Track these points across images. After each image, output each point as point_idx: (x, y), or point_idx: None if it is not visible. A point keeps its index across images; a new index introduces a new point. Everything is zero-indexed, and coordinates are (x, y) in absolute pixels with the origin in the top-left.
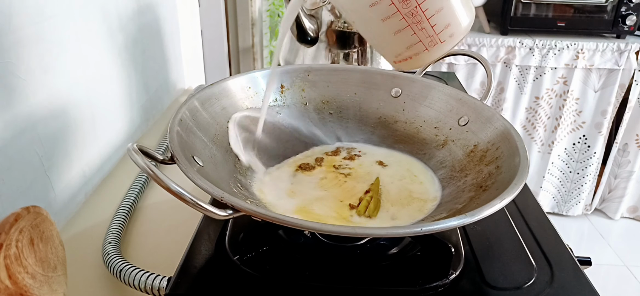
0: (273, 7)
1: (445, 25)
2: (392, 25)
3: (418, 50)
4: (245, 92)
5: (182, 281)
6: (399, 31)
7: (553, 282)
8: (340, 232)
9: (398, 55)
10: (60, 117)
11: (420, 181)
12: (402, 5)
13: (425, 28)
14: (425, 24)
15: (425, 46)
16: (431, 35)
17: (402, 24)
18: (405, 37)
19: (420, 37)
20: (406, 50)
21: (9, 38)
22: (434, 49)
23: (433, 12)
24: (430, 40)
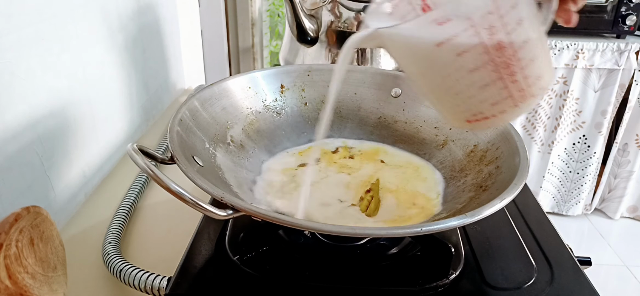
0: (273, 7)
1: (537, 76)
2: (481, 77)
3: (505, 108)
4: (245, 92)
5: (182, 281)
6: (486, 85)
7: (553, 282)
8: (340, 232)
9: (477, 114)
10: (60, 117)
11: (424, 177)
12: (497, 55)
13: (518, 80)
14: (519, 76)
15: (514, 102)
16: (523, 88)
17: (492, 77)
18: (492, 92)
19: (510, 92)
20: (491, 107)
21: (9, 38)
22: (523, 104)
23: (527, 62)
24: (521, 95)
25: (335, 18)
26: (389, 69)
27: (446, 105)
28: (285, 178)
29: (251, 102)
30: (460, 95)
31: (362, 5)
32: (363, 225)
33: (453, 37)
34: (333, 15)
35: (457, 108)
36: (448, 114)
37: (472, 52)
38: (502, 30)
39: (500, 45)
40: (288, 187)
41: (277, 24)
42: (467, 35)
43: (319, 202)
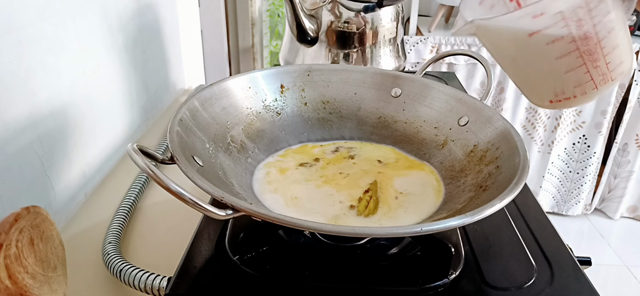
0: (273, 7)
1: (619, 62)
2: (566, 63)
3: (586, 90)
4: (245, 92)
5: (182, 281)
6: (571, 70)
7: (553, 282)
8: (340, 232)
9: (560, 94)
10: (60, 117)
11: (423, 179)
12: (582, 44)
13: (600, 66)
14: (601, 62)
15: (595, 85)
16: (604, 73)
17: (577, 62)
18: (576, 76)
19: (592, 76)
20: (573, 87)
21: (9, 38)
22: (604, 87)
23: (610, 50)
24: (603, 78)
25: (335, 18)
26: (389, 69)
27: (532, 86)
28: (284, 177)
29: (251, 102)
30: (546, 78)
31: (362, 5)
32: (363, 225)
33: (545, 28)
34: (333, 15)
35: (542, 89)
36: (532, 95)
37: (561, 41)
38: (590, 22)
39: (586, 35)
40: (287, 185)
41: (277, 24)
42: (557, 27)
43: (319, 201)
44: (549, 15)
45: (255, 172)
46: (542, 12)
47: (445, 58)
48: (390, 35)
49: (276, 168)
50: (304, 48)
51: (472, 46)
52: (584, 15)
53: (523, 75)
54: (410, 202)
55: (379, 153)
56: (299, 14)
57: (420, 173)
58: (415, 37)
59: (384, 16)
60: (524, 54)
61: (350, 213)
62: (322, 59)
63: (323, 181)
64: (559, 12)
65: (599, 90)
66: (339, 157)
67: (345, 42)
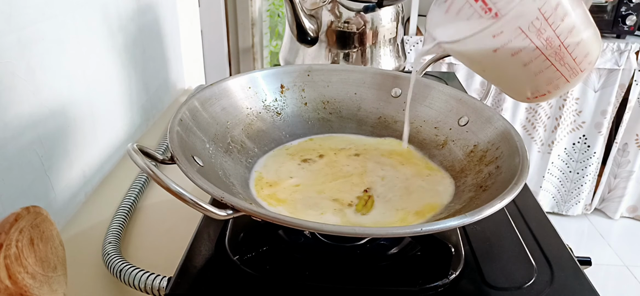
0: (273, 7)
1: (585, 54)
2: (534, 67)
3: (559, 84)
4: (245, 92)
5: (182, 281)
6: (540, 72)
7: (553, 282)
8: (340, 232)
9: (535, 92)
10: (60, 117)
11: (427, 173)
12: (546, 48)
13: (567, 62)
14: (567, 59)
15: (566, 79)
16: (573, 67)
17: (544, 65)
18: (547, 76)
19: (562, 72)
20: (546, 85)
21: (9, 38)
22: (575, 78)
23: (574, 47)
24: (572, 72)
25: (335, 18)
26: (389, 69)
27: (507, 89)
28: (285, 176)
29: (251, 102)
30: (519, 82)
31: (362, 5)
32: (361, 225)
33: (506, 43)
34: (333, 15)
35: (517, 90)
36: (510, 95)
37: (524, 51)
38: (549, 28)
39: (548, 40)
40: (287, 184)
41: (277, 24)
42: (518, 40)
43: (318, 200)
44: (508, 32)
45: (255, 171)
46: (500, 31)
47: (445, 58)
48: (390, 35)
49: (275, 166)
50: (304, 48)
51: None
52: (541, 25)
53: (497, 80)
54: (420, 196)
55: (379, 152)
56: (299, 14)
57: (419, 174)
58: (415, 37)
59: (384, 16)
60: (493, 66)
61: (349, 211)
62: (322, 59)
63: (323, 178)
64: (517, 27)
65: (571, 83)
66: (340, 156)
67: (345, 42)
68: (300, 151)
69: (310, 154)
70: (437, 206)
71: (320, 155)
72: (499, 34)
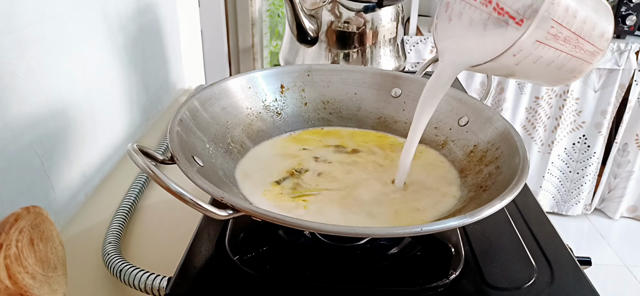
0: (273, 7)
1: (600, 35)
2: (557, 64)
3: (583, 68)
4: (245, 92)
5: (182, 281)
6: (563, 66)
7: (553, 282)
8: (340, 232)
9: (561, 81)
10: (60, 117)
11: (435, 166)
12: (564, 47)
13: (587, 49)
14: (586, 46)
15: (588, 62)
16: (592, 51)
17: (566, 59)
18: (570, 66)
19: (584, 59)
20: (570, 73)
21: (9, 38)
22: (596, 58)
23: (589, 34)
24: (592, 55)
25: (335, 18)
26: (389, 69)
27: (534, 82)
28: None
29: (251, 102)
30: (544, 79)
31: (362, 5)
32: (363, 225)
33: (526, 57)
34: (333, 15)
35: (543, 83)
36: (539, 85)
37: (545, 56)
38: (565, 30)
39: (566, 40)
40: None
41: (277, 24)
42: (538, 50)
43: (319, 199)
44: (527, 47)
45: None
46: (520, 49)
47: None
48: (390, 35)
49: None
50: (304, 48)
51: None
52: (557, 30)
53: (524, 79)
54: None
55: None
56: (299, 14)
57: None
58: (415, 37)
59: (384, 16)
60: (517, 73)
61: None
62: (322, 59)
63: (325, 177)
64: (534, 41)
65: (593, 63)
66: (343, 154)
67: (345, 42)
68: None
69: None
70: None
71: (315, 158)
72: (518, 52)
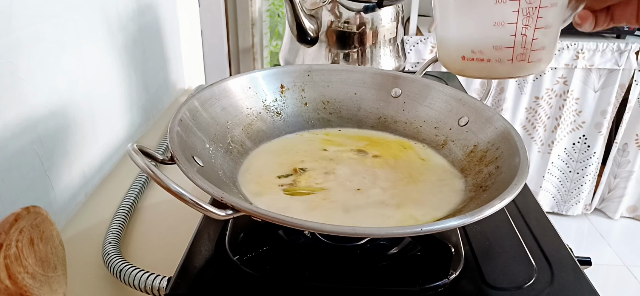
0: (273, 7)
1: (542, 46)
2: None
3: (501, 57)
4: (245, 92)
5: (182, 281)
6: (500, 24)
7: (553, 282)
8: (340, 232)
9: (477, 52)
10: (60, 117)
11: (435, 166)
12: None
13: (527, 37)
14: (529, 33)
15: (512, 56)
16: (526, 49)
17: (511, 17)
18: (501, 34)
19: (515, 43)
20: (492, 49)
21: (9, 38)
22: (517, 65)
23: (542, 26)
24: (521, 55)
25: (335, 18)
26: (389, 69)
27: (453, 34)
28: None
29: (251, 102)
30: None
31: (362, 5)
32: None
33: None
34: (333, 15)
35: (462, 41)
36: (449, 46)
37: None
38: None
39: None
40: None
41: (277, 24)
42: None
43: (322, 197)
44: None
45: None
46: None
47: None
48: (390, 35)
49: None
50: (304, 48)
51: None
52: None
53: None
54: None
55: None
56: (299, 14)
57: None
58: (415, 37)
59: (384, 16)
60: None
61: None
62: (322, 59)
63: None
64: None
65: (512, 67)
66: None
67: (345, 42)
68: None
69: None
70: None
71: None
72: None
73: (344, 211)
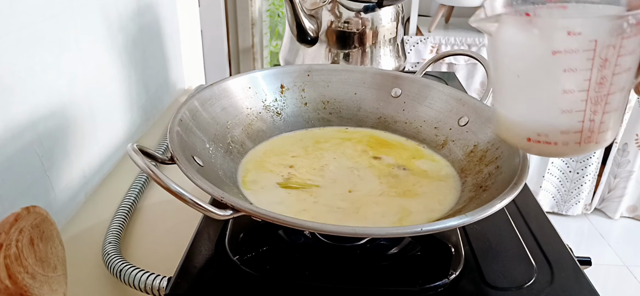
0: (273, 7)
1: (609, 127)
2: (568, 101)
3: (568, 141)
4: (245, 92)
5: (182, 281)
6: (568, 111)
7: (553, 282)
8: (340, 232)
9: (543, 135)
10: (60, 117)
11: (434, 160)
12: (595, 88)
13: (595, 121)
14: (597, 117)
15: (580, 140)
16: (593, 131)
17: (579, 106)
18: (569, 121)
19: (583, 128)
20: (559, 133)
21: (9, 38)
22: (584, 146)
23: (610, 110)
24: (589, 137)
25: (335, 18)
26: (389, 69)
27: (518, 115)
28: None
29: (251, 102)
30: (540, 109)
31: (362, 5)
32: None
33: (571, 51)
34: (333, 15)
35: (527, 124)
36: (513, 126)
37: (579, 75)
38: (612, 68)
39: (602, 81)
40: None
41: (277, 24)
42: (583, 57)
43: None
44: (584, 39)
45: None
46: (580, 31)
47: (445, 58)
48: (390, 35)
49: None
50: (304, 48)
51: (472, 46)
52: (611, 56)
53: (516, 99)
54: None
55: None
56: (299, 14)
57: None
58: (415, 37)
59: (384, 16)
60: (533, 73)
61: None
62: (322, 59)
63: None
64: (593, 40)
65: (579, 148)
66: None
67: (345, 42)
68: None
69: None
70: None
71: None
72: (576, 34)
73: (343, 211)
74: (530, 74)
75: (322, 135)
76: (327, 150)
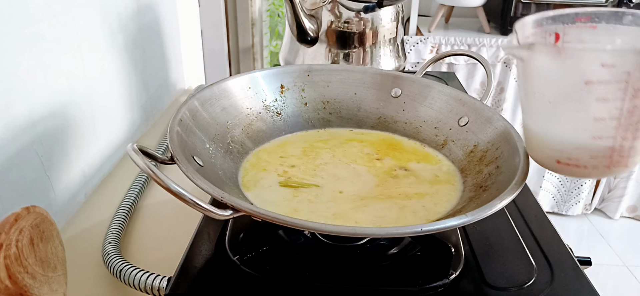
0: (273, 7)
1: (637, 153)
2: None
3: (598, 165)
4: (245, 92)
5: (182, 281)
6: (599, 138)
7: (553, 282)
8: (340, 232)
9: (573, 159)
10: (60, 117)
11: (437, 160)
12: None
13: (624, 147)
14: (627, 144)
15: (609, 164)
16: (623, 156)
17: (610, 133)
18: (600, 147)
19: (613, 152)
20: (589, 158)
21: (9, 38)
22: (614, 170)
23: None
24: (619, 162)
25: (335, 18)
26: (389, 69)
27: (548, 139)
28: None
29: (251, 102)
30: (571, 135)
31: (362, 5)
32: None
33: (604, 82)
34: (333, 15)
35: (558, 146)
36: (543, 149)
37: (611, 104)
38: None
39: (634, 109)
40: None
41: (277, 24)
42: (616, 87)
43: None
44: (617, 71)
45: None
46: (613, 63)
47: (445, 58)
48: (390, 35)
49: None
50: (304, 48)
51: (472, 46)
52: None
53: (549, 123)
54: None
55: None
56: (299, 14)
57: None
58: (415, 37)
59: (384, 16)
60: (566, 102)
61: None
62: (322, 59)
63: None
64: (626, 72)
65: (609, 171)
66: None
67: (345, 42)
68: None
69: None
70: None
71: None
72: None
73: (343, 211)
74: (562, 101)
75: (322, 136)
76: (327, 150)
